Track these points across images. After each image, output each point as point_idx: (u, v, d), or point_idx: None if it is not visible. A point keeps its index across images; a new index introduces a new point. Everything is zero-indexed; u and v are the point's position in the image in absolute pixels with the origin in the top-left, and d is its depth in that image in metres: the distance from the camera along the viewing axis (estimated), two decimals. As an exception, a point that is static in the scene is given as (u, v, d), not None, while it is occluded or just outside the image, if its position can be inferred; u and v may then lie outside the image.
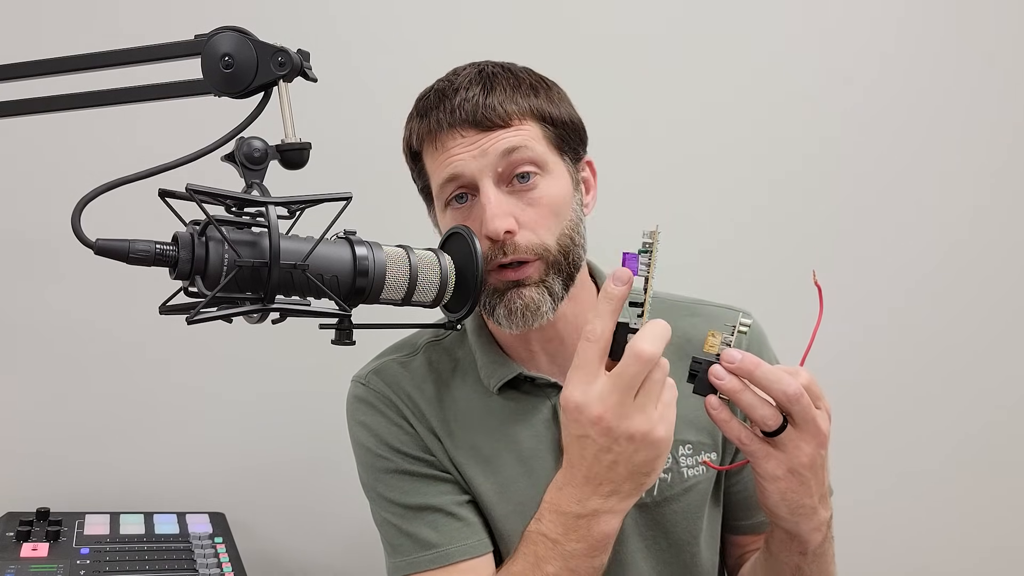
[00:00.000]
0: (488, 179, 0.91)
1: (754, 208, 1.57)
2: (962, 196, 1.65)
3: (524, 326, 0.92)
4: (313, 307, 0.74)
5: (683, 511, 1.00)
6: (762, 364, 0.76)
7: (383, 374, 1.04)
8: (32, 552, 1.08)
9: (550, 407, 0.99)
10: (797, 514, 0.81)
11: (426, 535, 0.96)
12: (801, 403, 0.75)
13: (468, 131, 0.91)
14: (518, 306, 0.91)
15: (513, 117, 0.92)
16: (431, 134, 0.93)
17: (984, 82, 1.65)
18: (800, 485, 0.79)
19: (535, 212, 0.92)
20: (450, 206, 0.95)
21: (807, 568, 0.88)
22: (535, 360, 1.01)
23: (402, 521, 0.98)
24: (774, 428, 0.76)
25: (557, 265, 0.93)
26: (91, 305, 1.32)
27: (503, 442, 1.00)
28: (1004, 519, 1.70)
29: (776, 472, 0.78)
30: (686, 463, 1.00)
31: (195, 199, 0.69)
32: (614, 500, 0.79)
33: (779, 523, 0.83)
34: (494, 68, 0.96)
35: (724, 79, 1.55)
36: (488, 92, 0.92)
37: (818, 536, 0.84)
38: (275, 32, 0.80)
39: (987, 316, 1.67)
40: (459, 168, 0.91)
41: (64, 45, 0.81)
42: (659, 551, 1.00)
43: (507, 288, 0.92)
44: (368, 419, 1.02)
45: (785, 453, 0.77)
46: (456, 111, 0.91)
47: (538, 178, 0.93)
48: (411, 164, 1.00)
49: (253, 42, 0.75)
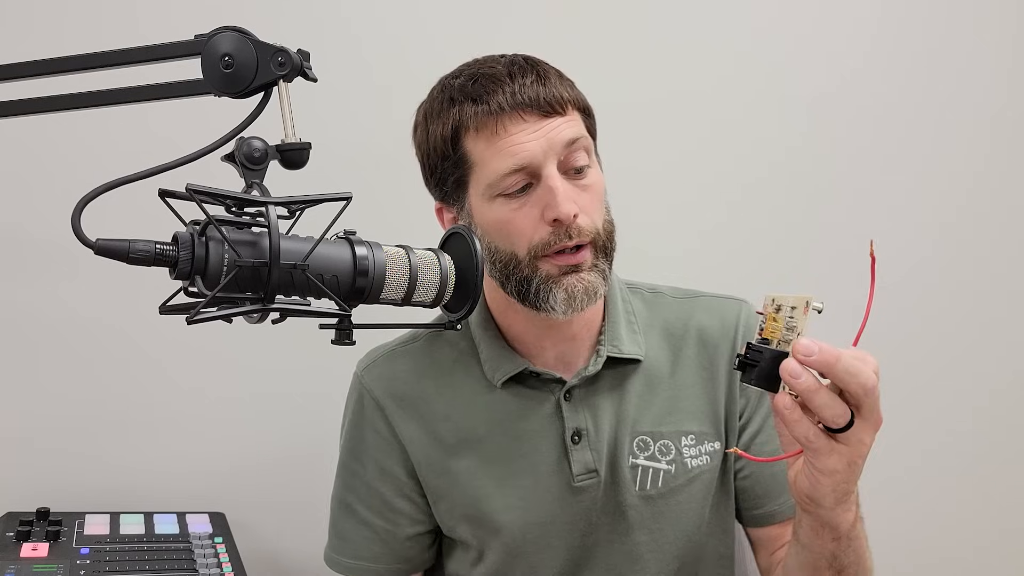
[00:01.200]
0: (553, 164, 0.92)
1: (745, 197, 1.57)
2: (958, 185, 1.65)
3: (579, 310, 0.94)
4: (313, 307, 0.74)
5: (688, 501, 1.01)
6: (843, 355, 0.69)
7: (380, 369, 1.05)
8: (32, 552, 1.08)
9: (554, 402, 1.00)
10: (840, 502, 0.77)
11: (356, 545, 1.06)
12: (874, 395, 0.70)
13: (530, 115, 0.92)
14: (579, 290, 0.93)
15: (567, 105, 0.94)
16: (491, 117, 0.92)
17: (980, 74, 1.65)
18: (852, 475, 0.75)
19: (589, 197, 0.95)
20: (502, 196, 0.93)
21: (842, 555, 0.83)
22: (542, 355, 1.02)
23: (346, 523, 1.06)
24: (843, 425, 0.71)
25: (605, 249, 0.96)
26: (91, 305, 1.32)
27: (505, 435, 1.00)
28: (998, 516, 1.70)
29: (837, 466, 0.73)
30: (689, 453, 1.01)
31: (195, 199, 0.69)
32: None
33: (816, 512, 0.79)
34: (529, 57, 0.98)
35: (714, 67, 1.55)
36: (544, 79, 0.94)
37: (850, 515, 0.80)
38: (275, 32, 0.80)
39: (983, 308, 1.67)
40: (527, 157, 0.91)
41: (64, 45, 0.81)
42: (665, 542, 1.01)
43: (563, 273, 0.93)
44: (356, 418, 1.06)
45: (849, 446, 0.72)
46: (517, 94, 0.92)
47: (588, 168, 0.96)
48: (446, 151, 0.96)
49: (253, 42, 0.75)
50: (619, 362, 1.01)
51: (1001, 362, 1.68)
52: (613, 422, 1.01)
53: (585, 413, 1.00)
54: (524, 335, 1.01)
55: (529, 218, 0.92)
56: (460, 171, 0.96)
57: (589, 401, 1.01)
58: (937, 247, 1.65)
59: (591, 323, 1.02)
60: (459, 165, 0.96)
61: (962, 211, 1.66)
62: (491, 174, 0.93)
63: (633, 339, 1.03)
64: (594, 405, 1.01)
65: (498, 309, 1.03)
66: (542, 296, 0.94)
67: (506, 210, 0.93)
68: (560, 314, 0.93)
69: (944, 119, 1.64)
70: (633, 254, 1.06)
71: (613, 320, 1.03)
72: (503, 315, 1.02)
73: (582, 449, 0.99)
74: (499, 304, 1.02)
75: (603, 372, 1.01)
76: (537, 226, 0.92)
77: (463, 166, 0.96)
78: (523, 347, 1.02)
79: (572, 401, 1.00)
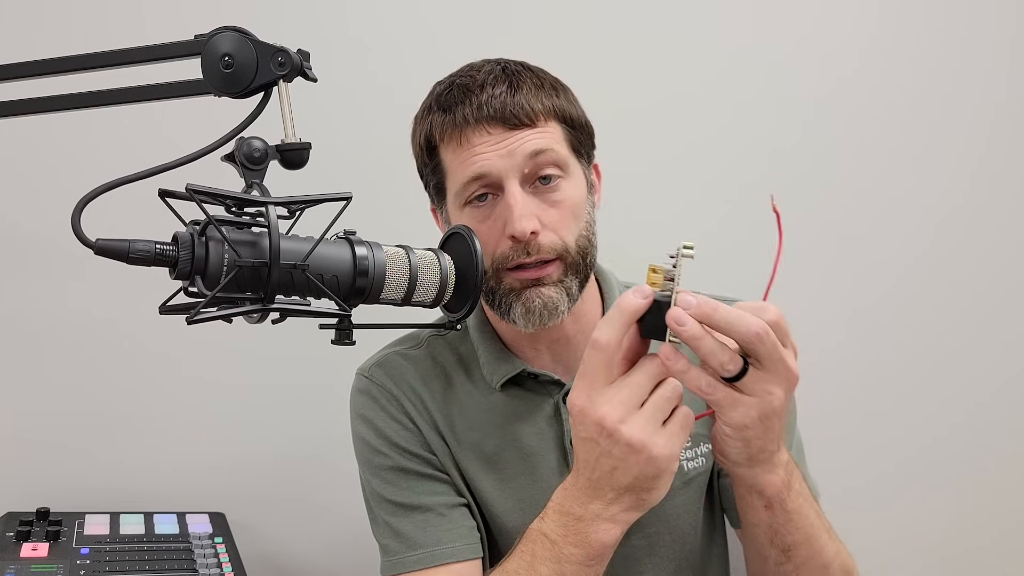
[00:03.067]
0: (514, 179, 0.91)
1: (741, 198, 1.57)
2: (955, 186, 1.65)
3: (540, 325, 0.93)
4: (313, 307, 0.75)
5: (684, 504, 1.00)
6: (720, 306, 0.71)
7: (386, 367, 1.04)
8: (32, 552, 1.07)
9: (553, 404, 1.00)
10: (756, 461, 0.78)
11: (414, 535, 0.96)
12: (767, 342, 0.70)
13: (495, 128, 0.91)
14: (536, 305, 0.92)
15: (539, 116, 0.93)
16: (456, 129, 0.92)
17: (978, 75, 1.65)
18: (766, 431, 0.74)
19: (557, 213, 0.93)
20: (469, 205, 0.94)
21: (781, 528, 0.84)
22: (539, 357, 1.01)
23: (393, 519, 0.98)
24: (735, 373, 0.71)
25: (575, 266, 0.94)
26: (91, 305, 1.32)
27: (505, 438, 1.00)
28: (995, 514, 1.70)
29: (744, 420, 0.73)
30: (686, 456, 1.00)
31: (195, 199, 0.69)
32: (615, 509, 0.78)
33: (736, 474, 0.80)
34: (516, 66, 0.96)
35: (710, 70, 1.55)
36: (515, 90, 0.93)
37: (775, 478, 0.80)
38: (275, 32, 0.80)
39: (979, 307, 1.67)
40: (486, 167, 0.91)
41: (64, 45, 0.81)
42: (662, 545, 1.00)
43: (525, 287, 0.92)
44: (369, 413, 1.02)
45: (755, 397, 0.72)
46: (483, 107, 0.91)
47: (560, 180, 0.94)
48: (425, 159, 0.98)
49: (253, 42, 0.75)
50: None
51: (999, 359, 1.69)
52: None
53: None
54: (518, 338, 1.01)
55: (493, 231, 0.92)
56: (437, 177, 0.97)
57: None
58: (934, 246, 1.65)
59: (586, 324, 1.01)
60: (436, 171, 0.97)
61: (959, 211, 1.66)
62: (456, 184, 0.94)
63: None
64: None
65: (493, 313, 1.03)
66: (503, 308, 0.94)
67: (473, 221, 0.93)
68: (522, 327, 0.93)
69: (942, 120, 1.64)
70: (628, 256, 1.06)
71: None
72: (497, 319, 1.02)
73: None
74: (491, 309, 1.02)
75: None
76: (499, 239, 0.92)
77: (439, 173, 0.97)
78: (519, 350, 1.02)
79: None
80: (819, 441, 1.13)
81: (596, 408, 0.74)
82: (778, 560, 0.87)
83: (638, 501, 0.77)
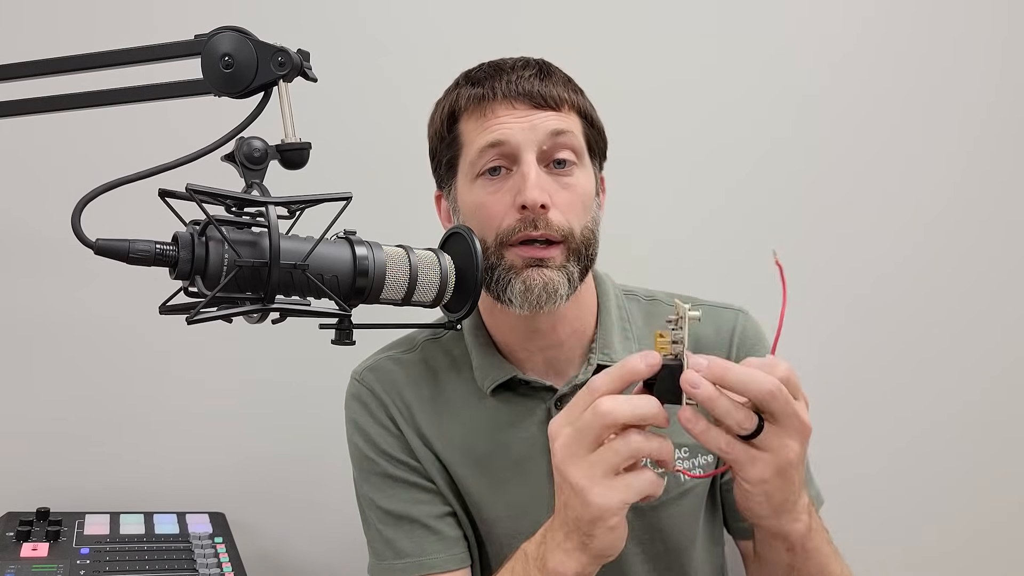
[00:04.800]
0: (531, 152, 0.92)
1: (727, 201, 1.57)
2: (948, 182, 1.65)
3: (537, 307, 0.92)
4: (313, 307, 0.75)
5: (680, 515, 1.00)
6: (732, 366, 0.71)
7: (377, 371, 1.04)
8: (32, 552, 1.07)
9: (544, 410, 0.99)
10: (780, 512, 0.77)
11: (402, 544, 0.98)
12: (779, 399, 0.70)
13: (520, 105, 0.93)
14: (537, 284, 0.91)
15: (564, 105, 0.95)
16: (483, 100, 0.94)
17: (972, 73, 1.65)
18: (785, 483, 0.74)
19: (568, 196, 0.94)
20: (481, 177, 0.94)
21: (801, 566, 0.84)
22: (532, 362, 1.01)
23: (383, 526, 1.00)
24: (751, 431, 0.71)
25: (578, 254, 0.94)
26: (91, 305, 1.32)
27: (496, 444, 1.00)
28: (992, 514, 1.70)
29: (764, 475, 0.72)
30: (682, 466, 1.00)
31: (195, 199, 0.69)
32: (569, 544, 0.77)
33: (760, 523, 0.80)
34: (544, 60, 0.99)
35: (693, 64, 1.54)
36: (545, 76, 0.95)
37: (800, 526, 0.80)
38: (275, 32, 0.80)
39: (971, 305, 1.67)
40: (506, 135, 0.92)
41: (64, 45, 0.81)
42: (656, 555, 1.00)
43: (527, 265, 0.92)
44: (359, 418, 1.03)
45: (771, 453, 0.72)
46: (512, 84, 0.93)
47: (574, 167, 0.95)
48: (443, 132, 0.98)
49: (253, 42, 0.75)
50: None
51: (990, 355, 1.68)
52: None
53: None
54: (511, 341, 1.00)
55: (501, 203, 0.92)
56: (452, 151, 0.98)
57: None
58: (927, 244, 1.64)
59: (581, 330, 1.01)
60: (452, 145, 0.97)
61: (951, 209, 1.65)
62: (471, 152, 0.94)
63: (627, 347, 1.01)
64: None
65: (487, 313, 1.02)
66: (501, 285, 0.93)
67: (483, 193, 0.94)
68: (517, 307, 0.92)
69: (935, 117, 1.64)
70: (630, 261, 1.06)
71: (606, 327, 1.01)
72: (491, 319, 1.02)
73: None
74: (487, 307, 1.02)
75: None
76: (507, 211, 0.92)
77: (455, 146, 0.97)
78: (512, 354, 1.01)
79: None
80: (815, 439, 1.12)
81: (555, 438, 0.74)
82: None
83: (583, 544, 0.75)
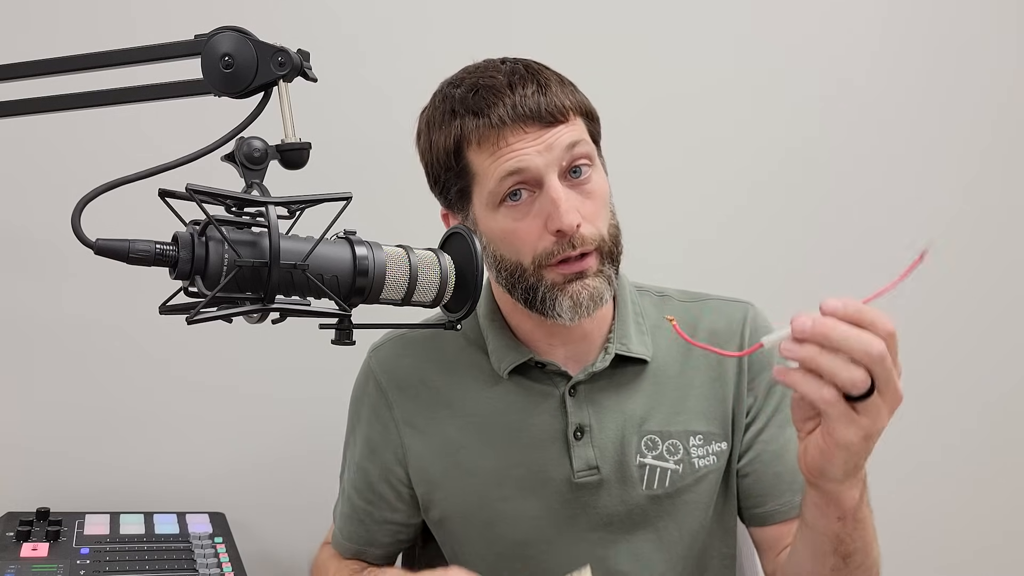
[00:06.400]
0: (554, 174, 0.92)
1: (738, 206, 1.57)
2: (959, 188, 1.66)
3: (587, 315, 0.94)
4: (313, 307, 0.74)
5: (694, 501, 1.01)
6: (838, 324, 0.67)
7: (388, 352, 1.08)
8: (32, 552, 1.08)
9: (558, 396, 1.00)
10: (849, 475, 0.76)
11: (358, 532, 1.09)
12: (885, 364, 0.67)
13: (531, 127, 0.92)
14: (584, 296, 0.93)
15: (569, 113, 0.94)
16: (492, 130, 0.92)
17: (983, 78, 1.65)
18: (865, 450, 0.72)
19: (592, 204, 0.95)
20: (504, 204, 0.94)
21: (848, 538, 0.83)
22: (552, 353, 1.02)
23: (350, 509, 1.10)
24: (863, 391, 0.67)
25: (611, 254, 0.96)
26: (91, 305, 1.32)
27: (508, 426, 1.01)
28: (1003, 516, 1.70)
29: (853, 439, 0.70)
30: (697, 453, 1.01)
31: (195, 199, 0.69)
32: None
33: (825, 486, 0.77)
34: (534, 64, 0.97)
35: (709, 75, 1.55)
36: (545, 89, 0.94)
37: (855, 494, 0.79)
38: (275, 32, 0.80)
39: (985, 309, 1.67)
40: (525, 162, 0.91)
41: (64, 45, 0.81)
42: (671, 542, 1.01)
43: (568, 281, 0.93)
44: (357, 393, 1.09)
45: (867, 418, 0.69)
46: (518, 107, 0.92)
47: (591, 171, 0.95)
48: (450, 162, 0.96)
49: (253, 42, 0.75)
50: (627, 361, 1.02)
51: (1007, 361, 1.68)
52: (619, 421, 1.01)
53: (589, 410, 1.01)
54: (533, 335, 1.02)
55: (533, 228, 0.93)
56: (463, 182, 0.96)
57: (594, 398, 1.01)
58: (945, 247, 1.64)
59: (602, 322, 1.03)
60: (462, 176, 0.96)
61: (963, 214, 1.66)
62: (489, 183, 0.93)
63: (641, 340, 1.03)
64: (599, 402, 1.01)
65: (507, 309, 1.04)
66: (548, 304, 0.94)
67: (509, 220, 0.94)
68: (568, 320, 0.94)
69: (946, 122, 1.64)
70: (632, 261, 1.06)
71: (622, 319, 1.03)
72: (512, 315, 1.03)
73: (584, 445, 1.00)
74: (507, 306, 1.03)
75: (610, 371, 1.01)
76: (541, 236, 0.92)
77: (466, 177, 0.96)
78: (532, 343, 1.02)
79: (576, 397, 1.00)
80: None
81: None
82: (836, 566, 0.86)
83: None
